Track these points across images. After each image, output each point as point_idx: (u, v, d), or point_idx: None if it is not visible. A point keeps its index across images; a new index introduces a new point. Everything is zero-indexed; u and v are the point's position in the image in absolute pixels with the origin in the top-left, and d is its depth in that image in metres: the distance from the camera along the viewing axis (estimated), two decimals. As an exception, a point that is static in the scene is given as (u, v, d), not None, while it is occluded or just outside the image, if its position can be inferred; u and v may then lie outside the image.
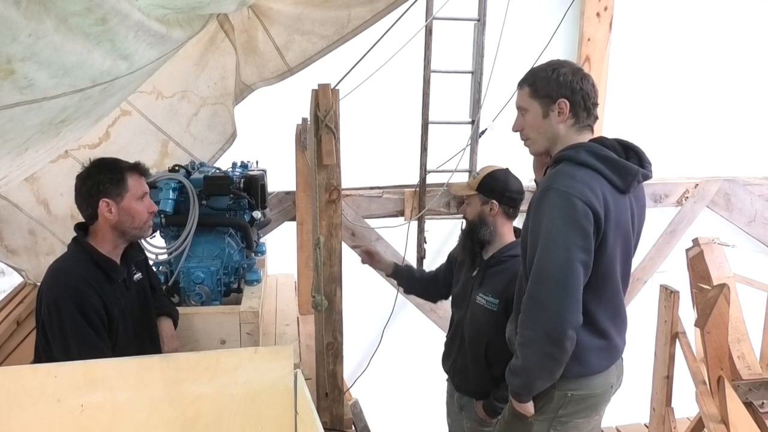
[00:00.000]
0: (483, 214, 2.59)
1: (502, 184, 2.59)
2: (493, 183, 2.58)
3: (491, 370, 2.56)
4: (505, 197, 2.58)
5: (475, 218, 2.61)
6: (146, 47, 1.61)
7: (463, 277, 2.72)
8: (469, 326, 2.63)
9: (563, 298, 1.87)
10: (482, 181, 2.59)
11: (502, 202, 2.58)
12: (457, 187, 2.78)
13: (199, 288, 2.82)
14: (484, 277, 2.60)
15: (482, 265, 2.63)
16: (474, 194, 2.60)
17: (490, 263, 2.60)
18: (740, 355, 3.27)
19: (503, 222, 2.61)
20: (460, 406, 2.77)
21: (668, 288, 3.22)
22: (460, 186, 2.75)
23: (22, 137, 1.61)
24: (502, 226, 2.61)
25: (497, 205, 2.57)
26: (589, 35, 4.43)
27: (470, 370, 2.65)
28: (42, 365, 1.68)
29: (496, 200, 2.57)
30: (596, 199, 1.88)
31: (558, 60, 2.06)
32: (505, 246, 2.59)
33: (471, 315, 2.61)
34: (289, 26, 3.16)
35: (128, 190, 2.17)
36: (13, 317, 3.28)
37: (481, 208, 2.60)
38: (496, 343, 2.46)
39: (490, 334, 2.52)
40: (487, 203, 2.58)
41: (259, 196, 3.05)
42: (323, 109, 2.47)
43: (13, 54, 1.13)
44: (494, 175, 2.60)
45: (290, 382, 1.73)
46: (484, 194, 2.58)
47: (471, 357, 2.63)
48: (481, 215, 2.60)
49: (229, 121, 3.50)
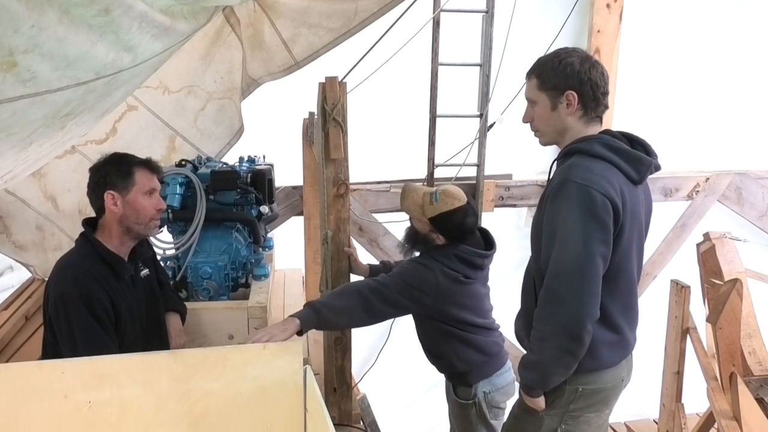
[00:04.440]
0: (429, 237, 2.51)
1: (455, 226, 2.47)
2: (448, 223, 2.46)
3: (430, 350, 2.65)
4: (455, 236, 2.50)
5: (420, 235, 2.53)
6: (150, 39, 1.59)
7: None
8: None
9: (582, 291, 1.84)
10: (438, 218, 2.45)
11: (449, 238, 2.49)
12: (409, 204, 2.53)
13: (206, 283, 2.82)
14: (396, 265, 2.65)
15: None
16: (424, 222, 2.49)
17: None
18: (751, 351, 3.24)
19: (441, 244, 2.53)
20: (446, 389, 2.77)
21: (679, 283, 3.19)
22: (412, 204, 2.52)
23: (26, 131, 1.60)
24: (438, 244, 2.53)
25: (444, 239, 2.50)
26: (599, 27, 4.38)
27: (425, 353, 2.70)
28: (49, 361, 1.68)
29: (444, 236, 2.49)
30: (614, 191, 1.86)
31: (566, 48, 2.03)
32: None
33: None
34: (296, 19, 3.15)
35: (135, 184, 2.16)
36: (21, 312, 3.28)
37: (428, 233, 2.51)
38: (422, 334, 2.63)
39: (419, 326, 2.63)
40: (435, 233, 2.50)
41: (267, 191, 3.04)
42: (331, 103, 2.45)
43: (15, 46, 1.11)
44: (452, 216, 2.45)
45: (299, 378, 1.72)
46: (436, 228, 2.48)
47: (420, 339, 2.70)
48: (426, 237, 2.52)
49: (236, 116, 3.48)
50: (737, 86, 4.72)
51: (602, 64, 2.03)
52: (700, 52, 4.59)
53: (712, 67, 4.64)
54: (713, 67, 4.65)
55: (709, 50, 4.60)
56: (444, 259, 2.44)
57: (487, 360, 2.56)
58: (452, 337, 2.52)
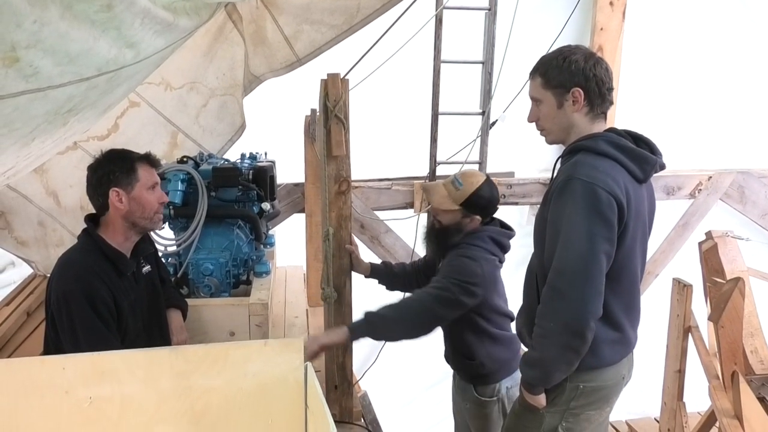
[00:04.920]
0: (461, 224, 2.51)
1: (487, 200, 2.49)
2: (480, 201, 2.47)
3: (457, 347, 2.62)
4: (489, 212, 2.52)
5: (451, 226, 2.52)
6: (153, 36, 1.59)
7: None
8: None
9: (585, 289, 1.84)
10: (469, 198, 2.46)
11: (485, 215, 2.51)
12: (437, 199, 2.52)
13: (208, 280, 2.82)
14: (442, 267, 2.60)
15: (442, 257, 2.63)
16: (456, 210, 2.49)
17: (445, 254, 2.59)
18: (753, 349, 3.24)
19: (475, 225, 2.53)
20: (460, 389, 2.77)
21: (681, 281, 3.19)
22: (440, 197, 2.51)
23: (28, 126, 1.59)
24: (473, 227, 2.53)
25: (479, 220, 2.51)
26: (602, 25, 4.37)
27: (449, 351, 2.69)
28: (50, 357, 1.67)
29: (480, 214, 2.50)
30: (619, 190, 1.86)
31: (569, 46, 2.02)
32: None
33: None
34: (298, 16, 3.14)
35: (138, 180, 2.17)
36: (23, 308, 3.29)
37: (461, 220, 2.50)
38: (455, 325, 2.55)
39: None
40: (468, 217, 2.50)
41: (268, 188, 3.04)
42: (332, 99, 2.44)
43: (17, 41, 1.11)
44: (481, 192, 2.46)
45: (300, 375, 1.72)
46: (469, 210, 2.48)
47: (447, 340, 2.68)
48: (459, 225, 2.51)
49: (238, 113, 3.48)
50: (740, 84, 4.71)
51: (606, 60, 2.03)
52: (703, 50, 4.58)
53: (715, 65, 4.63)
54: (716, 65, 4.63)
55: (712, 48, 4.59)
56: (482, 244, 2.47)
57: (512, 357, 2.57)
58: (485, 335, 2.53)
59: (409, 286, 2.96)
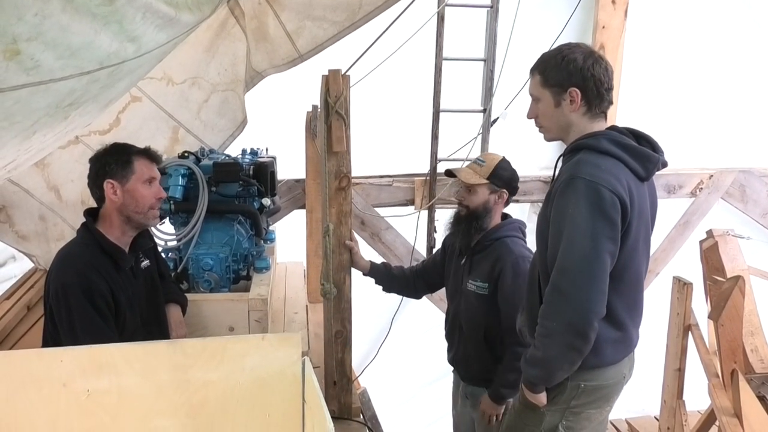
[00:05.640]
0: (489, 203, 2.60)
1: (510, 173, 2.61)
2: (504, 173, 2.59)
3: (493, 353, 2.61)
4: (512, 187, 2.62)
5: (479, 207, 2.60)
6: (154, 30, 1.59)
7: (454, 267, 2.75)
8: (465, 314, 2.66)
9: (588, 288, 1.84)
10: (495, 171, 2.57)
11: (510, 188, 2.61)
12: (466, 174, 2.63)
13: (207, 275, 2.82)
14: (471, 263, 2.64)
15: (469, 252, 2.66)
16: (484, 183, 2.58)
17: (476, 249, 2.64)
18: (753, 348, 3.24)
19: (500, 210, 2.64)
20: (466, 395, 2.78)
21: (681, 280, 3.19)
22: (469, 174, 2.63)
23: (29, 120, 1.59)
24: (498, 214, 2.64)
25: (506, 194, 2.60)
26: (604, 23, 4.36)
27: (472, 357, 2.69)
28: (48, 349, 1.68)
29: (507, 189, 2.59)
30: (622, 188, 1.86)
31: (570, 44, 2.02)
32: (489, 231, 2.62)
33: (465, 303, 2.65)
34: (300, 12, 3.14)
35: (134, 173, 2.17)
36: (23, 302, 3.29)
37: (488, 197, 2.59)
38: (493, 327, 2.56)
39: (486, 319, 2.58)
40: (495, 192, 2.59)
41: (269, 184, 3.04)
42: (333, 95, 2.44)
43: (18, 34, 1.11)
44: (503, 164, 2.60)
45: (298, 369, 1.72)
46: (496, 184, 2.58)
47: (472, 344, 2.66)
48: (486, 204, 2.60)
49: (239, 108, 3.48)
50: (742, 83, 4.70)
51: (606, 59, 2.02)
52: (705, 49, 4.57)
53: (716, 64, 4.62)
54: (718, 64, 4.63)
55: (714, 47, 4.58)
56: (519, 234, 2.61)
57: None
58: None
59: (407, 290, 2.98)
